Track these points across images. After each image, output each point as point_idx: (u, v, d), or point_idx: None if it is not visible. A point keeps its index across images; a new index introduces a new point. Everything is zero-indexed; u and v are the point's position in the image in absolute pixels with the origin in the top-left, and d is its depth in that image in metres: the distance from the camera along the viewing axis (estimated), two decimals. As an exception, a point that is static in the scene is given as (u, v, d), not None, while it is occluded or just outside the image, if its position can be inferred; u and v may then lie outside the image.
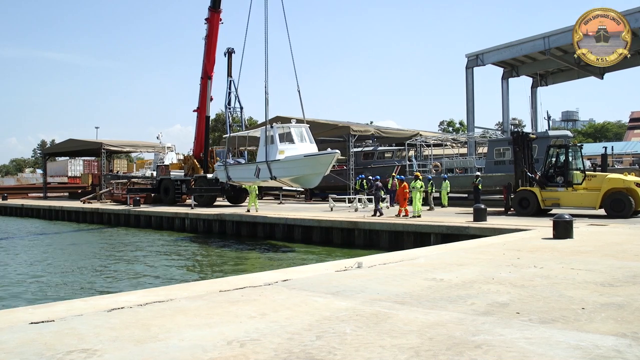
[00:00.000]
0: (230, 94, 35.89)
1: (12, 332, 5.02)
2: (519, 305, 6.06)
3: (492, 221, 18.45)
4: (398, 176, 26.68)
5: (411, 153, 38.12)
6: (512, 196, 21.98)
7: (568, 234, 12.99)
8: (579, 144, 23.03)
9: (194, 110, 36.69)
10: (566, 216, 13.38)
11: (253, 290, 7.11)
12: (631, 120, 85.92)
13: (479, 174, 28.14)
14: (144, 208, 33.28)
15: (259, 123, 59.43)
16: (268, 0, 24.44)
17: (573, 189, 20.49)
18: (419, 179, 22.55)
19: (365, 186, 28.49)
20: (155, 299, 6.54)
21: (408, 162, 35.28)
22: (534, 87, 41.74)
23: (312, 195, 38.54)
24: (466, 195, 31.94)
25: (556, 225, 13.14)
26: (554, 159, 21.41)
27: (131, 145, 53.66)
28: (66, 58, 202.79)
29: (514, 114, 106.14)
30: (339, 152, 22.88)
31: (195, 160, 36.08)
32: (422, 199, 22.68)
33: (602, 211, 19.90)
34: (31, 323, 5.35)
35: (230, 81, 35.75)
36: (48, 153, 64.69)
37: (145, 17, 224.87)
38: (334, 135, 37.41)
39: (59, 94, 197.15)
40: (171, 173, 38.13)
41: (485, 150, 34.10)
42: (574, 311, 5.78)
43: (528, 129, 44.88)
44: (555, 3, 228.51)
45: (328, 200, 29.66)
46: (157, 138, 50.46)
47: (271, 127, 24.29)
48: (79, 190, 54.04)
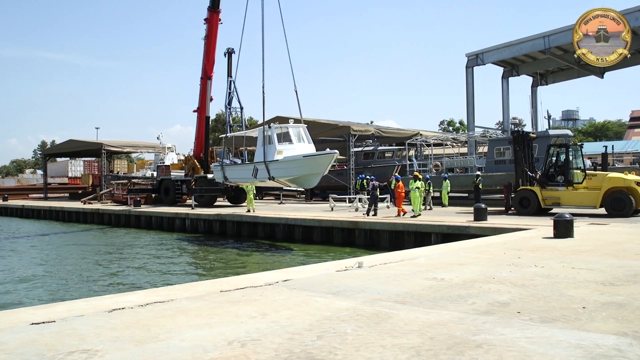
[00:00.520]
0: (230, 94, 35.86)
1: (13, 333, 5.03)
2: (520, 305, 6.06)
3: (493, 221, 18.47)
4: (395, 176, 26.66)
5: (411, 153, 38.12)
6: (513, 195, 21.96)
7: (569, 233, 13.00)
8: (579, 143, 23.01)
9: (194, 111, 36.74)
10: (567, 215, 13.38)
11: (254, 290, 7.11)
12: (631, 119, 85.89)
13: (479, 173, 28.13)
14: (145, 208, 33.31)
15: (259, 123, 59.37)
16: (266, 1, 24.31)
17: (573, 188, 20.49)
18: (419, 179, 22.46)
19: (365, 186, 28.48)
20: (156, 299, 6.54)
21: (408, 162, 35.29)
22: (534, 87, 41.71)
23: (313, 195, 38.56)
24: (467, 194, 31.92)
25: (557, 224, 13.15)
26: (554, 158, 21.41)
27: (131, 145, 53.70)
28: (66, 58, 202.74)
29: (514, 113, 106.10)
30: (338, 152, 22.77)
31: (195, 161, 36.10)
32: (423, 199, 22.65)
33: (603, 210, 19.89)
34: (32, 324, 5.35)
35: (231, 81, 35.72)
36: (48, 154, 64.73)
37: (145, 17, 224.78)
38: (335, 135, 37.39)
39: (59, 95, 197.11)
40: (172, 173, 38.17)
41: (485, 149, 34.09)
42: (574, 310, 5.78)
43: (528, 128, 44.84)
44: (555, 3, 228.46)
45: (328, 200, 29.69)
46: (158, 138, 50.58)
47: (269, 127, 24.07)
48: (80, 191, 54.08)
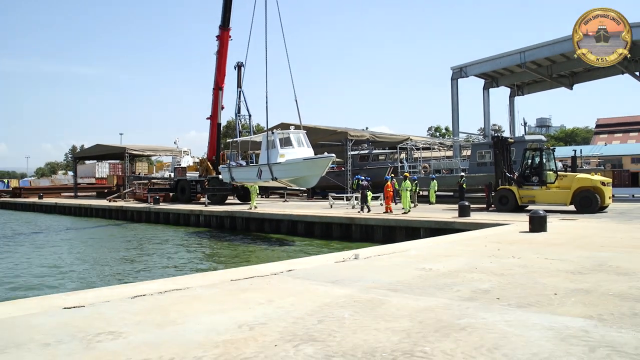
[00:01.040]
0: (240, 103, 35.81)
1: (48, 316, 5.05)
2: (499, 292, 6.07)
3: (475, 217, 18.45)
4: (386, 176, 26.60)
5: (402, 155, 38.05)
6: (493, 194, 21.98)
7: (542, 227, 13.02)
8: (552, 147, 23.06)
9: (207, 118, 36.64)
10: (541, 212, 13.40)
11: (261, 279, 7.12)
12: (597, 126, 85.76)
13: (463, 174, 28.15)
14: (163, 206, 33.26)
15: (264, 129, 59.33)
16: (270, 21, 24.32)
17: (547, 188, 20.55)
18: (408, 179, 22.69)
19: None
20: (174, 287, 6.55)
21: (400, 164, 35.26)
22: (511, 97, 41.61)
23: (314, 194, 38.51)
24: (452, 193, 31.88)
25: (532, 220, 13.16)
26: (530, 161, 21.44)
27: (151, 149, 53.63)
28: (95, 72, 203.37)
29: (494, 120, 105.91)
30: (334, 156, 22.82)
31: (208, 163, 36.05)
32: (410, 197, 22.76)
33: (573, 207, 19.93)
34: (64, 308, 5.38)
35: (240, 91, 35.66)
36: (78, 157, 64.64)
37: (164, 37, 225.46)
38: (333, 139, 37.37)
39: (88, 104, 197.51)
40: (187, 174, 38.14)
41: (469, 153, 34.01)
42: (547, 296, 5.79)
43: (507, 134, 44.77)
44: (532, 16, 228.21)
45: (328, 199, 29.66)
46: (175, 143, 50.52)
47: (272, 133, 24.29)
48: (105, 190, 54.03)
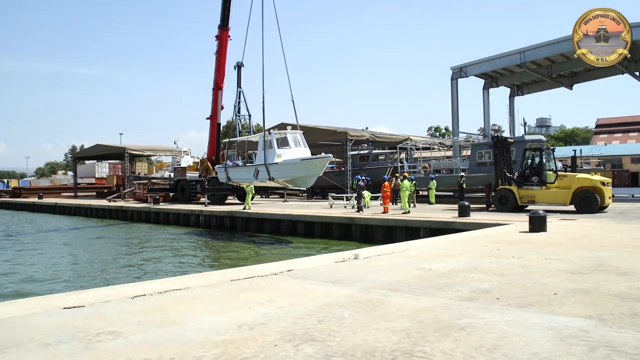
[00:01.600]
0: (239, 103, 35.77)
1: (48, 316, 5.05)
2: (499, 292, 6.07)
3: (475, 217, 18.45)
4: (384, 177, 26.56)
5: (402, 155, 38.04)
6: (493, 194, 21.97)
7: (542, 227, 13.02)
8: (551, 147, 23.05)
9: (207, 118, 36.60)
10: (540, 212, 13.41)
11: (261, 279, 7.11)
12: (597, 126, 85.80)
13: (463, 174, 28.14)
14: (163, 206, 33.26)
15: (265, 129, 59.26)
16: (267, 23, 24.33)
17: (547, 188, 20.54)
18: (407, 179, 22.81)
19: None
20: (174, 287, 6.54)
21: (399, 164, 35.24)
22: (511, 97, 41.62)
23: (314, 194, 38.49)
24: (452, 193, 31.89)
25: (532, 220, 13.16)
26: (529, 161, 21.44)
27: (151, 149, 53.62)
28: (94, 72, 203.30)
29: (494, 120, 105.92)
30: (332, 156, 22.76)
31: (208, 163, 36.00)
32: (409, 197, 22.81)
33: (572, 207, 19.92)
34: (64, 308, 5.37)
35: (240, 91, 35.63)
36: (78, 157, 64.64)
37: (163, 38, 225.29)
38: (333, 140, 37.36)
39: (87, 104, 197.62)
40: (187, 174, 38.11)
41: (468, 153, 34.02)
42: (547, 296, 5.79)
43: (507, 134, 44.75)
44: (532, 15, 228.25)
45: (328, 199, 29.65)
46: (175, 143, 50.41)
47: (269, 133, 24.24)
48: (105, 190, 54.02)
